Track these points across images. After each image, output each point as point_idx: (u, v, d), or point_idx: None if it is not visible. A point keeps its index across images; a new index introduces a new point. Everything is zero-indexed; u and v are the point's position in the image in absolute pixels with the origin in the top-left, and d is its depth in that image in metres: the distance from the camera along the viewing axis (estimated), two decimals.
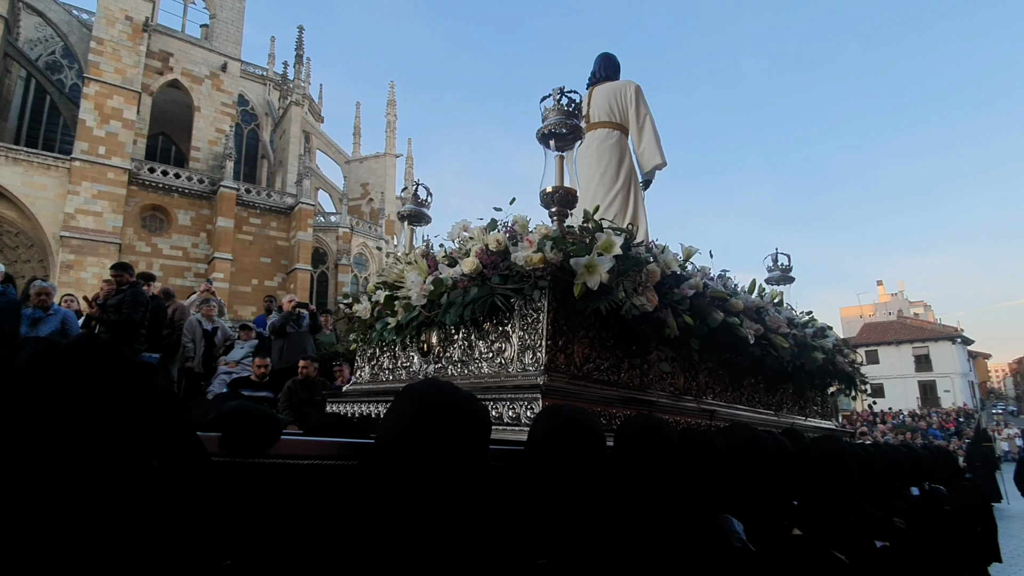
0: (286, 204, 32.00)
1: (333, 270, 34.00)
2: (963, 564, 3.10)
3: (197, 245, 30.35)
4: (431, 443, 1.03)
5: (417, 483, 1.02)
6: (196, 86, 30.72)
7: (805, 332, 3.13)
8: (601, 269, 1.86)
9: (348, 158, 39.21)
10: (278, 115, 35.80)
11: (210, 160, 31.59)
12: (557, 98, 2.27)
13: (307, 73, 37.10)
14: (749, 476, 1.72)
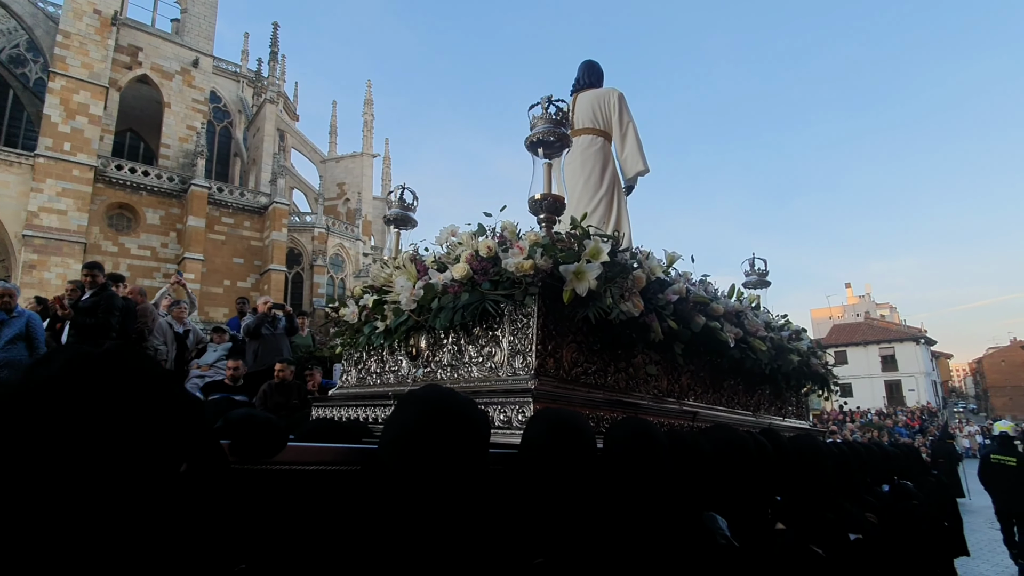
0: (260, 203, 31.45)
1: (308, 271, 33.53)
2: (931, 558, 3.25)
3: (166, 245, 29.64)
4: (434, 448, 1.06)
5: (421, 487, 1.05)
6: (166, 82, 29.98)
7: (781, 335, 3.25)
8: (589, 276, 1.91)
9: (324, 157, 38.72)
10: (252, 113, 35.18)
11: (180, 158, 30.85)
12: (545, 107, 2.33)
13: (282, 70, 36.58)
14: (732, 475, 1.79)
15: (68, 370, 0.66)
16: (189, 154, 30.44)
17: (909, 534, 2.92)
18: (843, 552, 2.00)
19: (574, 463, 1.39)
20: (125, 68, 28.91)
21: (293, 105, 40.40)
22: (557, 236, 2.05)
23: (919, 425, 31.43)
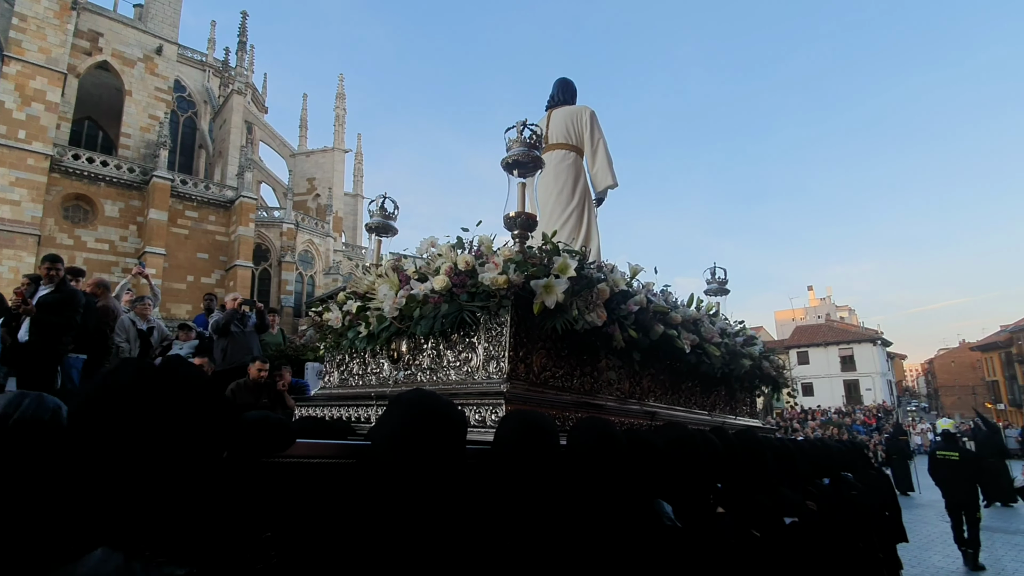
0: (226, 197, 30.79)
1: (276, 268, 33.00)
2: (873, 543, 3.60)
3: (126, 238, 28.78)
4: (421, 444, 1.26)
5: (409, 477, 1.25)
6: (128, 69, 29.08)
7: (736, 341, 3.54)
8: (557, 290, 2.13)
9: (294, 151, 38.11)
10: (218, 103, 34.37)
11: (142, 148, 29.99)
12: (520, 130, 2.54)
13: (250, 61, 35.83)
14: (679, 467, 2.03)
15: (138, 378, 0.84)
16: (151, 144, 29.61)
17: (846, 520, 3.24)
18: (778, 533, 2.28)
19: (540, 458, 1.61)
20: (84, 54, 27.94)
21: (262, 97, 39.62)
22: (529, 251, 2.26)
23: (875, 423, 32.92)
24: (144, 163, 28.91)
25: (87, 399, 0.82)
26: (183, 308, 29.19)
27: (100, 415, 0.80)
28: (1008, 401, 44.45)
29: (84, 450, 0.78)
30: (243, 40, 33.37)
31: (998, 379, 47.61)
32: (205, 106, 34.76)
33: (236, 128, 32.53)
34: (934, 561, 7.87)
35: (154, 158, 28.63)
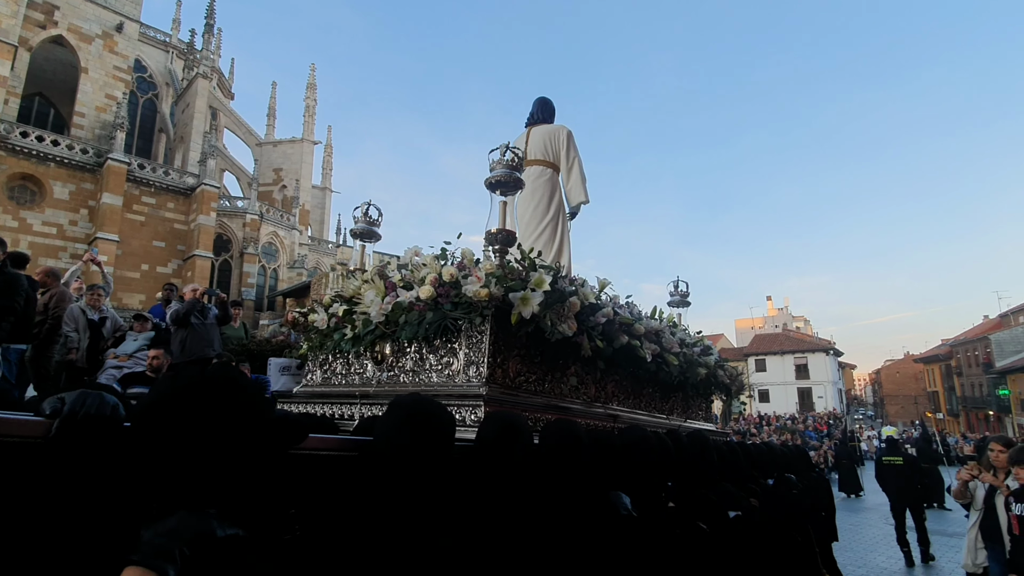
0: (186, 184, 29.91)
1: (238, 259, 32.25)
2: (810, 538, 3.97)
3: (76, 223, 27.64)
4: (419, 441, 1.48)
5: (407, 470, 1.46)
6: (84, 45, 27.92)
7: (693, 351, 3.87)
8: (533, 302, 2.38)
9: (260, 140, 37.26)
10: (181, 87, 33.34)
11: (97, 129, 28.85)
12: (503, 152, 2.77)
13: (217, 44, 34.92)
14: (637, 464, 2.30)
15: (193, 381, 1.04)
16: (107, 125, 28.52)
17: (785, 516, 3.59)
18: (723, 525, 2.58)
19: (516, 455, 1.85)
20: (38, 27, 26.68)
21: (228, 83, 38.60)
22: (509, 266, 2.49)
23: (826, 429, 34.48)
24: (99, 144, 27.82)
25: (166, 396, 1.02)
26: (136, 298, 28.24)
27: (176, 410, 1.00)
28: (946, 411, 47.24)
29: (163, 437, 0.97)
30: (210, 22, 32.49)
31: (938, 390, 50.53)
32: (167, 88, 33.67)
33: (200, 113, 31.62)
34: (878, 562, 8.43)
35: (110, 140, 27.59)
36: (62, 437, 0.99)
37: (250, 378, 1.17)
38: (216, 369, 1.06)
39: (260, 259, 32.21)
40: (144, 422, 1.01)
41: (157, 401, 1.01)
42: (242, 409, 1.06)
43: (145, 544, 0.83)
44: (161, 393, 1.02)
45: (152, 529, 0.88)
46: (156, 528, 0.88)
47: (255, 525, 1.02)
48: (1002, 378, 37.26)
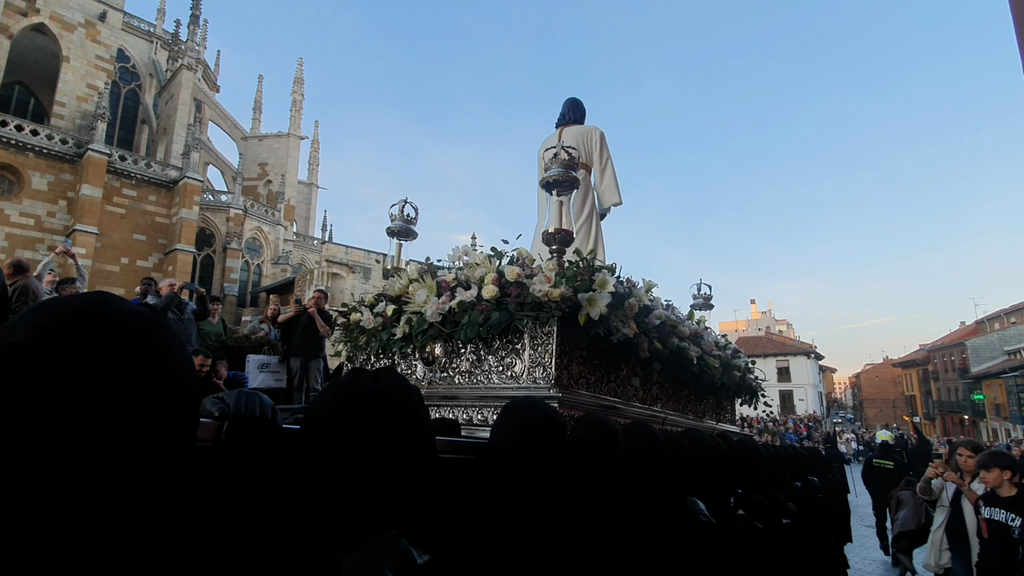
0: (169, 177, 29.23)
1: (221, 254, 31.64)
2: (832, 541, 4.01)
3: (54, 214, 26.86)
4: (540, 443, 1.44)
5: (527, 472, 1.42)
6: (66, 33, 27.15)
7: (727, 353, 3.88)
8: (601, 303, 2.35)
9: (246, 134, 36.62)
10: (165, 78, 32.61)
11: (77, 119, 28.08)
12: (558, 151, 2.74)
13: (203, 36, 34.25)
14: (705, 469, 2.29)
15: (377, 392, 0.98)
16: (88, 116, 27.77)
17: (817, 520, 3.62)
18: (778, 532, 2.58)
19: (608, 457, 1.81)
20: (19, 14, 25.87)
21: (214, 75, 37.86)
22: (574, 265, 2.46)
23: (806, 432, 35.07)
24: (79, 135, 27.07)
25: (346, 403, 0.96)
26: (115, 291, 27.36)
27: (360, 420, 0.93)
28: (923, 414, 48.39)
29: (347, 450, 0.91)
30: (196, 13, 31.83)
31: (915, 394, 51.78)
32: (151, 79, 32.90)
33: (184, 105, 30.97)
34: (853, 563, 8.66)
35: (90, 130, 26.85)
36: (232, 439, 0.93)
37: (414, 390, 1.11)
38: (389, 376, 1.00)
39: (244, 254, 31.65)
40: (322, 434, 0.95)
41: (335, 412, 0.95)
42: (422, 420, 1.01)
43: (354, 571, 0.78)
44: (334, 403, 0.96)
45: (353, 555, 0.82)
46: (357, 555, 0.82)
47: (431, 545, 0.96)
48: (977, 383, 38.30)
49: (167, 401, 0.65)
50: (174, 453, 0.67)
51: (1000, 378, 34.75)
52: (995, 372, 35.72)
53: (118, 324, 0.64)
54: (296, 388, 6.69)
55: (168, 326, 0.73)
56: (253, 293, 31.80)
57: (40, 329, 0.59)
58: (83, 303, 0.65)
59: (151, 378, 0.63)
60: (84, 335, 0.61)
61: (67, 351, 0.58)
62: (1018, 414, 31.94)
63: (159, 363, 0.64)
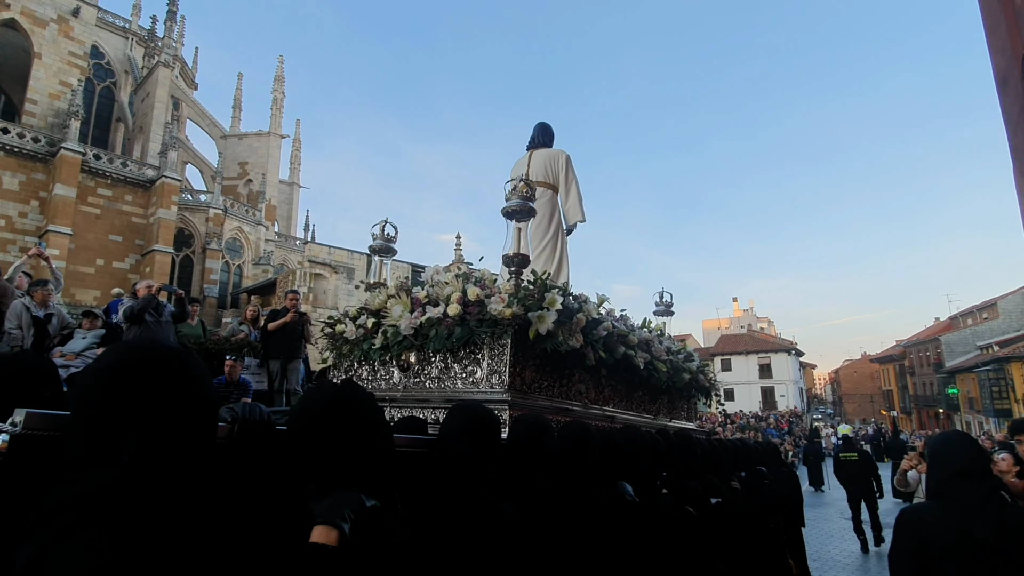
0: (145, 176, 29.13)
1: (200, 255, 31.58)
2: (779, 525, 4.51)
3: (26, 214, 26.69)
4: (481, 438, 1.87)
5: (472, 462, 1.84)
6: (38, 29, 26.93)
7: (678, 357, 4.35)
8: (548, 320, 2.79)
9: (225, 133, 36.50)
10: (141, 75, 32.39)
11: (50, 117, 27.89)
12: (517, 185, 3.17)
13: (180, 32, 34.04)
14: (636, 458, 2.73)
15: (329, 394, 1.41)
16: (61, 114, 27.60)
17: (759, 502, 4.11)
18: (707, 510, 3.04)
19: (542, 450, 2.25)
20: None
21: (191, 72, 37.64)
22: (525, 287, 2.89)
23: (787, 427, 36.08)
24: (52, 133, 26.89)
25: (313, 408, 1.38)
26: (90, 294, 27.41)
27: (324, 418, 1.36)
28: (900, 408, 49.89)
29: (318, 439, 1.34)
30: (173, 9, 31.71)
31: (892, 389, 53.31)
32: (126, 77, 32.66)
33: (161, 103, 30.83)
34: (832, 555, 9.19)
35: (63, 128, 26.70)
36: (241, 438, 1.35)
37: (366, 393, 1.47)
38: (348, 387, 1.43)
39: (224, 255, 31.62)
40: (300, 427, 1.37)
41: (309, 411, 1.37)
42: (373, 416, 1.44)
43: (322, 510, 1.20)
44: (308, 405, 1.39)
45: (322, 502, 1.25)
46: (325, 501, 1.25)
47: (382, 500, 1.39)
48: (951, 377, 39.67)
49: (194, 402, 1.07)
50: (202, 445, 1.09)
51: (973, 372, 36.03)
52: (968, 367, 37.02)
53: (161, 354, 1.07)
54: (277, 390, 6.85)
55: (194, 355, 1.16)
56: (234, 294, 31.78)
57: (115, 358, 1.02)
58: (140, 341, 1.10)
59: (183, 387, 1.05)
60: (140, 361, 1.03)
61: (131, 371, 1.01)
62: (990, 407, 33.18)
63: (187, 379, 1.07)
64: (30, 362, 1.49)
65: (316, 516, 1.20)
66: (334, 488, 1.29)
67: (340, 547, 1.13)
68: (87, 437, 0.96)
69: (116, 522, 0.87)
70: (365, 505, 1.27)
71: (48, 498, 0.91)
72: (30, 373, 1.48)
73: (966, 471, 2.10)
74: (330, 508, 1.22)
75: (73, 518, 0.88)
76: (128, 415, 0.96)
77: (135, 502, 0.91)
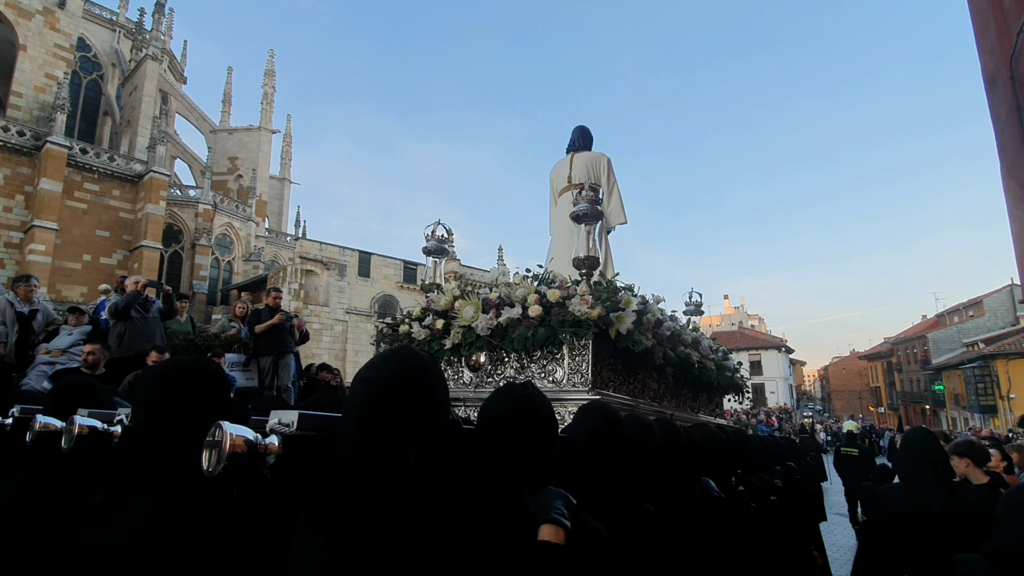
0: (133, 171, 28.67)
1: (189, 251, 31.20)
2: (807, 518, 4.69)
3: (11, 209, 26.17)
4: (613, 438, 1.97)
5: (606, 459, 1.95)
6: (23, 20, 26.40)
7: (719, 356, 4.51)
8: (628, 320, 2.91)
9: (215, 128, 36.07)
10: (129, 68, 31.88)
11: (35, 110, 27.38)
12: (584, 191, 3.28)
13: (169, 25, 33.53)
14: (712, 455, 2.86)
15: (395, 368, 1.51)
16: (46, 107, 27.09)
17: (796, 500, 4.28)
18: (767, 508, 3.19)
19: (616, 440, 2.37)
20: None
21: (180, 66, 37.12)
22: (605, 287, 3.01)
23: (777, 424, 36.66)
24: (37, 127, 26.38)
25: (511, 411, 1.47)
26: (77, 289, 26.98)
27: (528, 421, 1.45)
28: (887, 405, 50.90)
29: (528, 443, 1.43)
30: (161, 1, 31.22)
31: (880, 385, 54.34)
32: (113, 70, 32.12)
33: (149, 96, 30.38)
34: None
35: (49, 122, 26.20)
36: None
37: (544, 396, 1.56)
38: (533, 388, 1.52)
39: (213, 251, 31.29)
40: (500, 427, 1.46)
41: (508, 412, 1.46)
42: (553, 415, 1.54)
43: (543, 509, 1.29)
44: (506, 406, 1.48)
45: (538, 500, 1.33)
46: (542, 499, 1.34)
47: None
48: (938, 374, 40.56)
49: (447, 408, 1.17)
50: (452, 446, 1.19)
51: (959, 369, 36.87)
52: (954, 363, 37.86)
53: (427, 364, 1.16)
54: (267, 387, 6.71)
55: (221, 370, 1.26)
56: (224, 291, 31.48)
57: (390, 369, 1.12)
58: (402, 352, 1.19)
59: (444, 396, 1.15)
60: (416, 371, 1.13)
61: (408, 382, 1.10)
62: (976, 404, 34.01)
63: (443, 387, 1.17)
64: (209, 368, 1.56)
65: (539, 515, 1.27)
66: (540, 485, 1.37)
67: (567, 545, 1.21)
68: (367, 441, 1.04)
69: (421, 521, 0.97)
70: (572, 501, 1.37)
71: (342, 496, 1.00)
72: (209, 379, 1.56)
73: (924, 460, 2.66)
74: (550, 506, 1.30)
75: (374, 521, 0.97)
76: (407, 423, 1.04)
77: (426, 503, 1.00)
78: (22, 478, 1.72)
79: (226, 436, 1.13)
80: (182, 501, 1.28)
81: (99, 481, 1.41)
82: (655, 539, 1.74)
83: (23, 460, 1.80)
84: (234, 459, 1.12)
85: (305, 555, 1.02)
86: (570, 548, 1.22)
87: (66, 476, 1.66)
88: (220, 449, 1.13)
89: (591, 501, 1.79)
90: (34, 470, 1.73)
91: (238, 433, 1.14)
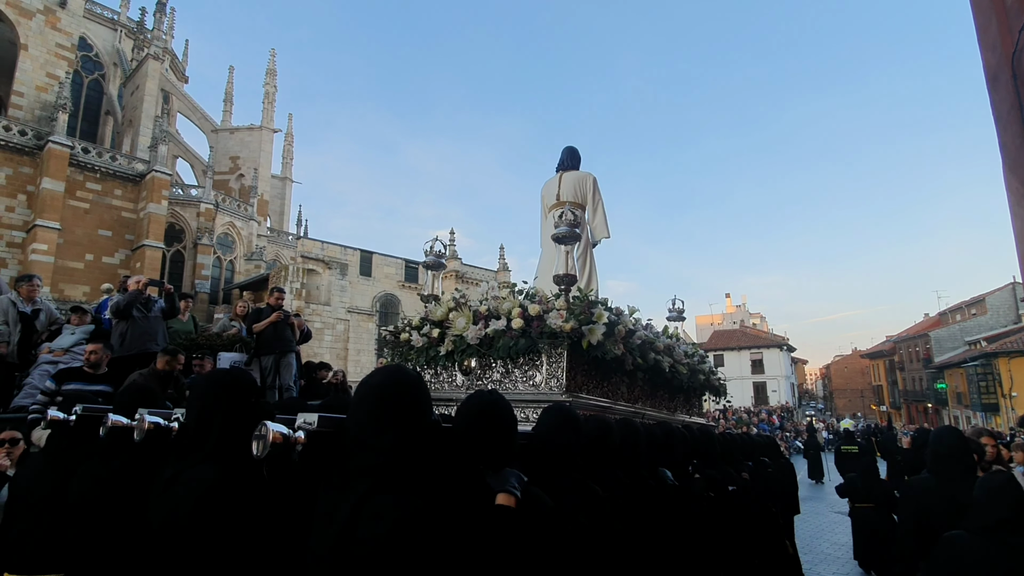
0: (135, 171, 29.18)
1: (191, 250, 31.72)
2: (778, 509, 5.14)
3: (13, 209, 26.71)
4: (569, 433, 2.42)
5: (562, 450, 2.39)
6: (24, 20, 26.87)
7: (693, 360, 4.94)
8: (598, 332, 3.35)
9: (216, 127, 36.57)
10: (130, 68, 32.35)
11: (37, 110, 27.89)
12: (565, 212, 3.72)
13: (170, 24, 33.97)
14: (672, 449, 3.30)
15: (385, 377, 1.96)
16: (48, 106, 27.61)
17: (763, 491, 4.73)
18: (725, 496, 3.63)
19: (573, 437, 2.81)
20: None
21: (182, 65, 37.60)
22: (578, 303, 3.45)
23: (778, 422, 37.11)
24: (39, 126, 26.89)
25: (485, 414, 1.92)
26: (79, 289, 27.50)
27: (495, 420, 1.91)
28: (889, 403, 51.27)
29: (489, 436, 1.88)
30: (162, 1, 31.66)
31: (882, 384, 54.72)
32: (115, 69, 32.59)
33: (151, 96, 30.85)
34: (822, 548, 9.80)
35: (51, 121, 26.70)
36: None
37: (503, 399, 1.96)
38: (497, 394, 1.97)
39: (215, 250, 31.80)
40: (470, 423, 1.91)
41: (478, 412, 1.91)
42: (513, 414, 1.99)
43: (500, 483, 1.74)
44: (476, 408, 1.93)
45: (497, 477, 1.79)
46: (499, 476, 1.79)
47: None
48: (940, 373, 40.93)
49: (426, 409, 1.64)
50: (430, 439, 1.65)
51: (961, 367, 37.24)
52: (956, 362, 38.21)
53: (411, 378, 1.61)
54: (269, 386, 6.81)
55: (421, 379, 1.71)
56: (226, 290, 31.99)
57: (379, 380, 1.57)
58: (390, 368, 1.65)
59: (417, 401, 1.61)
60: (397, 383, 1.58)
61: (389, 390, 1.55)
62: (978, 402, 34.40)
63: (422, 395, 1.62)
64: (244, 377, 2.01)
65: (496, 487, 1.73)
66: (500, 467, 1.83)
67: (517, 508, 1.67)
68: (362, 428, 1.49)
69: (407, 483, 1.41)
70: (524, 479, 1.82)
71: (347, 465, 1.45)
72: (244, 384, 2.01)
73: (951, 455, 2.97)
74: (506, 481, 1.75)
75: (372, 482, 1.42)
76: (388, 418, 1.49)
77: (411, 472, 1.45)
78: (95, 464, 2.18)
79: (269, 431, 1.59)
80: (231, 474, 1.75)
81: (165, 464, 1.88)
82: (597, 512, 2.19)
83: (94, 450, 2.26)
84: (274, 447, 1.59)
85: (326, 505, 1.47)
86: (520, 511, 1.67)
87: (133, 462, 2.12)
88: (265, 440, 1.59)
89: (547, 482, 2.25)
90: (105, 458, 2.18)
91: (277, 429, 1.61)
